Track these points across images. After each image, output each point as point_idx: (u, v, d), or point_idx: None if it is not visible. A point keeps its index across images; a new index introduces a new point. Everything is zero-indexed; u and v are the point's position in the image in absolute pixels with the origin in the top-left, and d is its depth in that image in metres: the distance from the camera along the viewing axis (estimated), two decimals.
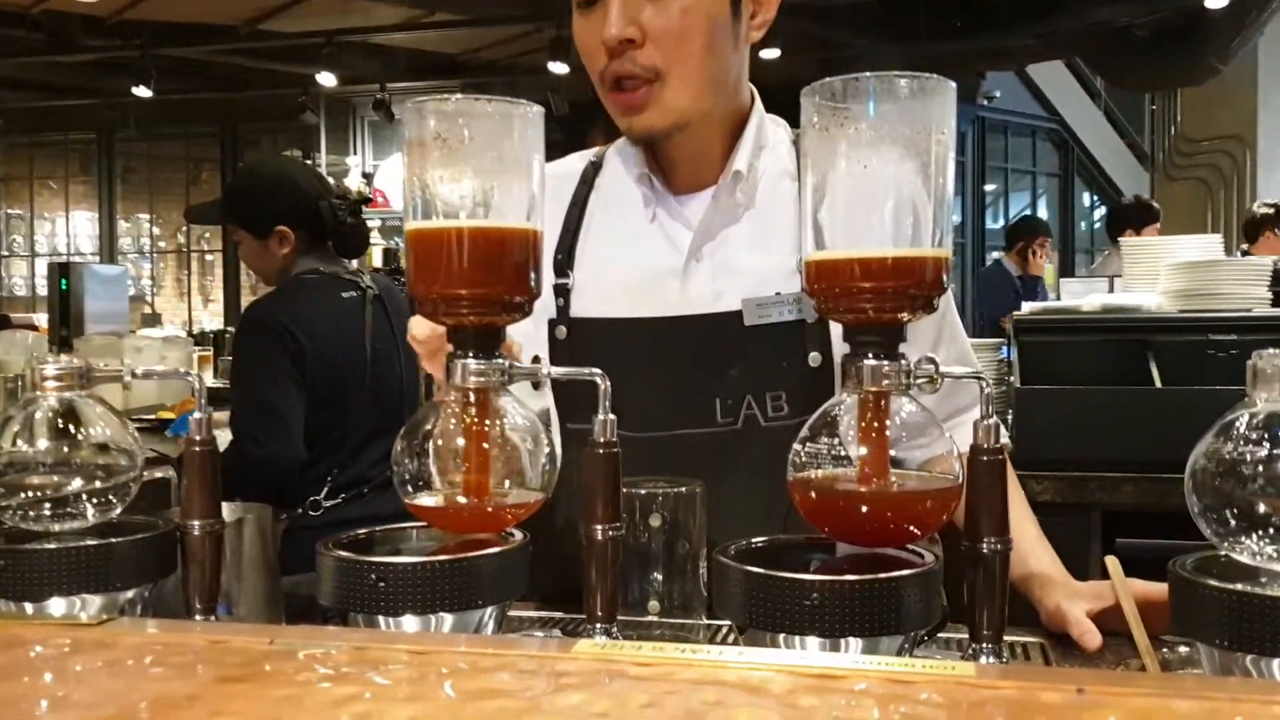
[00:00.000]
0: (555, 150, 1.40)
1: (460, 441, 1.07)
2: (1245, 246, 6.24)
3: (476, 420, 1.07)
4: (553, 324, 1.58)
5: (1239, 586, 0.87)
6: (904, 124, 0.97)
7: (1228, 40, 7.76)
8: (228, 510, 1.35)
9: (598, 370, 1.06)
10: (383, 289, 2.89)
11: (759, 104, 1.61)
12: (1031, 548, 1.50)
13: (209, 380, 6.07)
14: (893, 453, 1.00)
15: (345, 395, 2.75)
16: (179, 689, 0.70)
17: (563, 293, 1.59)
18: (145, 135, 10.18)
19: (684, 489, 1.32)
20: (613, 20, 1.44)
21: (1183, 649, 1.26)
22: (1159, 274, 3.16)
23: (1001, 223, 11.99)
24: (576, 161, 1.70)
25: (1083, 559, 2.67)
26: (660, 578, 1.31)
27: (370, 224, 9.76)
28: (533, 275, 1.05)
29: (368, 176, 9.73)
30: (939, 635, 1.06)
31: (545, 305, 1.59)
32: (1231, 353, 2.87)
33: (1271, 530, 0.89)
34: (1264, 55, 9.06)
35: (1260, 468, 0.89)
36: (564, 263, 1.60)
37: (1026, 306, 3.18)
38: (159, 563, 1.12)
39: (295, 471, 2.68)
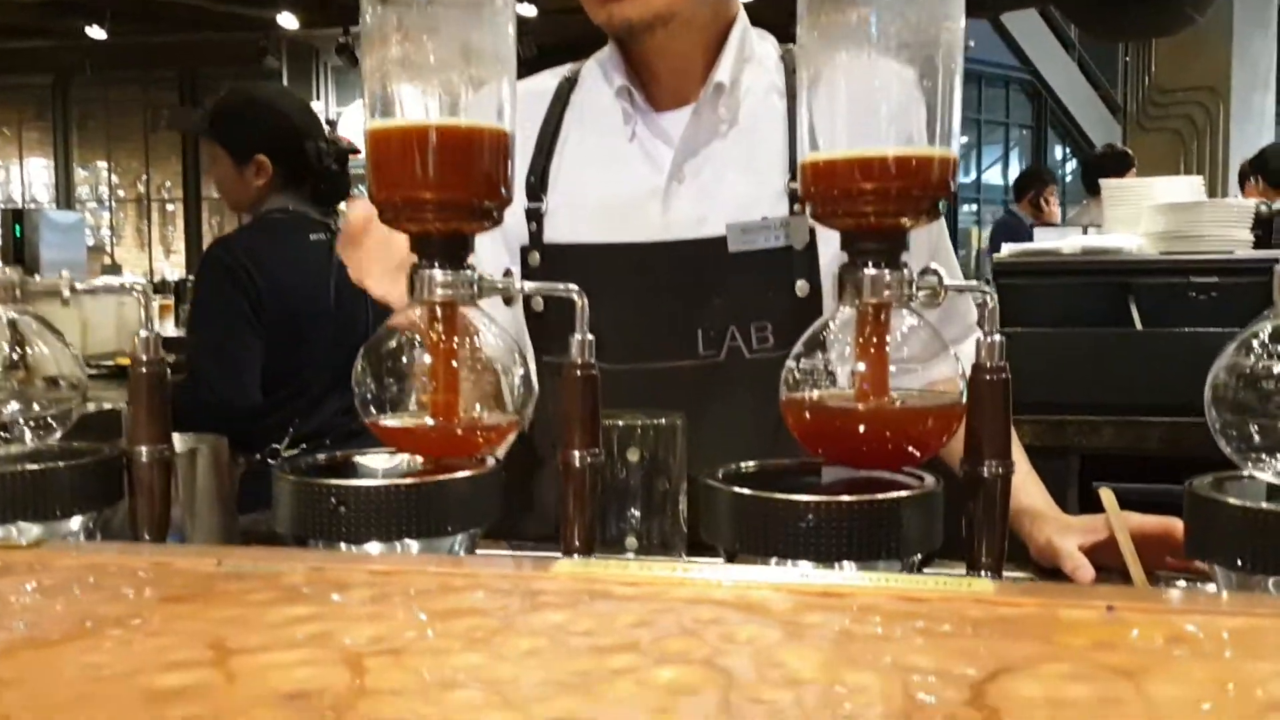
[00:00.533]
0: None
1: (426, 359, 1.00)
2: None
3: (443, 336, 0.99)
4: (525, 251, 1.51)
5: (1261, 505, 0.81)
6: (910, 10, 0.89)
7: None
8: (180, 440, 1.27)
9: (574, 286, 0.99)
10: None
11: (743, 14, 1.53)
12: (1022, 481, 1.44)
13: (170, 331, 5.97)
14: (893, 369, 0.93)
15: (306, 342, 2.67)
16: (117, 610, 0.63)
17: (535, 217, 1.51)
18: (102, 80, 9.94)
19: (664, 421, 1.24)
20: None
21: (1180, 583, 1.21)
22: (1140, 216, 3.11)
23: (974, 175, 11.94)
24: (550, 78, 1.61)
25: (1060, 503, 2.63)
26: (638, 514, 1.25)
27: None
28: (504, 179, 0.97)
29: (331, 123, 9.54)
30: (928, 570, 1.00)
31: (518, 232, 1.51)
32: (1212, 295, 2.83)
33: None
34: (1239, 6, 9.01)
35: None
36: (537, 186, 1.52)
37: (1006, 248, 3.12)
38: (103, 490, 1.04)
39: (249, 417, 2.60)
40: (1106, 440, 2.76)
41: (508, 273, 1.02)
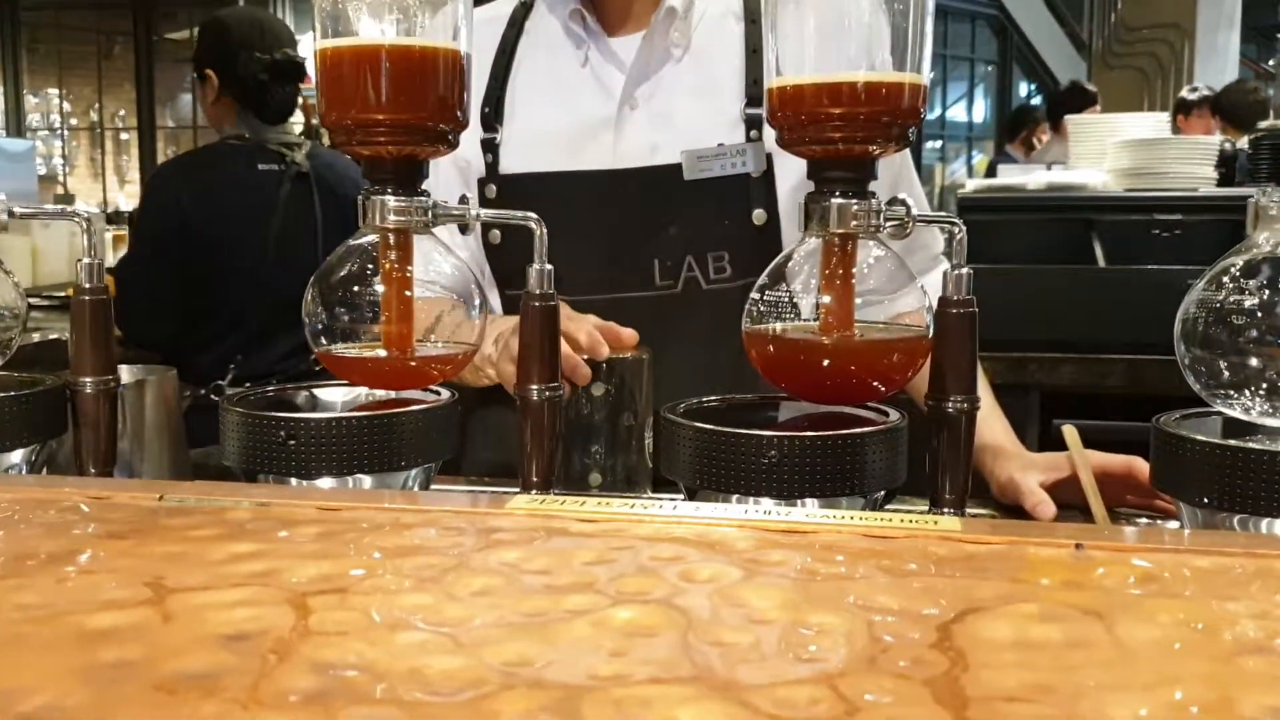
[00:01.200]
0: None
1: (379, 288, 0.96)
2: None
3: (397, 265, 0.96)
4: (482, 183, 1.47)
5: (1228, 441, 0.80)
6: None
7: None
8: (127, 372, 1.24)
9: (532, 215, 0.96)
10: (320, 167, 2.70)
11: None
12: (985, 417, 1.42)
13: None
14: (858, 301, 0.91)
15: (240, 273, 2.60)
16: (53, 546, 0.60)
17: (491, 148, 1.47)
18: (53, 4, 9.67)
19: (629, 356, 1.22)
20: None
21: (1142, 520, 1.21)
22: (1105, 152, 3.10)
23: (939, 111, 11.88)
24: (504, 4, 1.56)
25: (1021, 439, 2.64)
26: (602, 450, 1.23)
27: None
28: (459, 101, 0.94)
29: None
30: (890, 506, 0.99)
31: (474, 164, 1.47)
32: (1176, 233, 2.82)
33: (1265, 384, 0.82)
34: None
35: (1258, 315, 0.81)
36: (492, 116, 1.48)
37: (970, 184, 3.10)
38: (46, 422, 1.01)
39: (173, 346, 2.58)
40: (1067, 377, 2.76)
41: (464, 199, 0.99)
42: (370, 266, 0.97)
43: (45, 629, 0.48)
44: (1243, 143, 3.45)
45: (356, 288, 0.97)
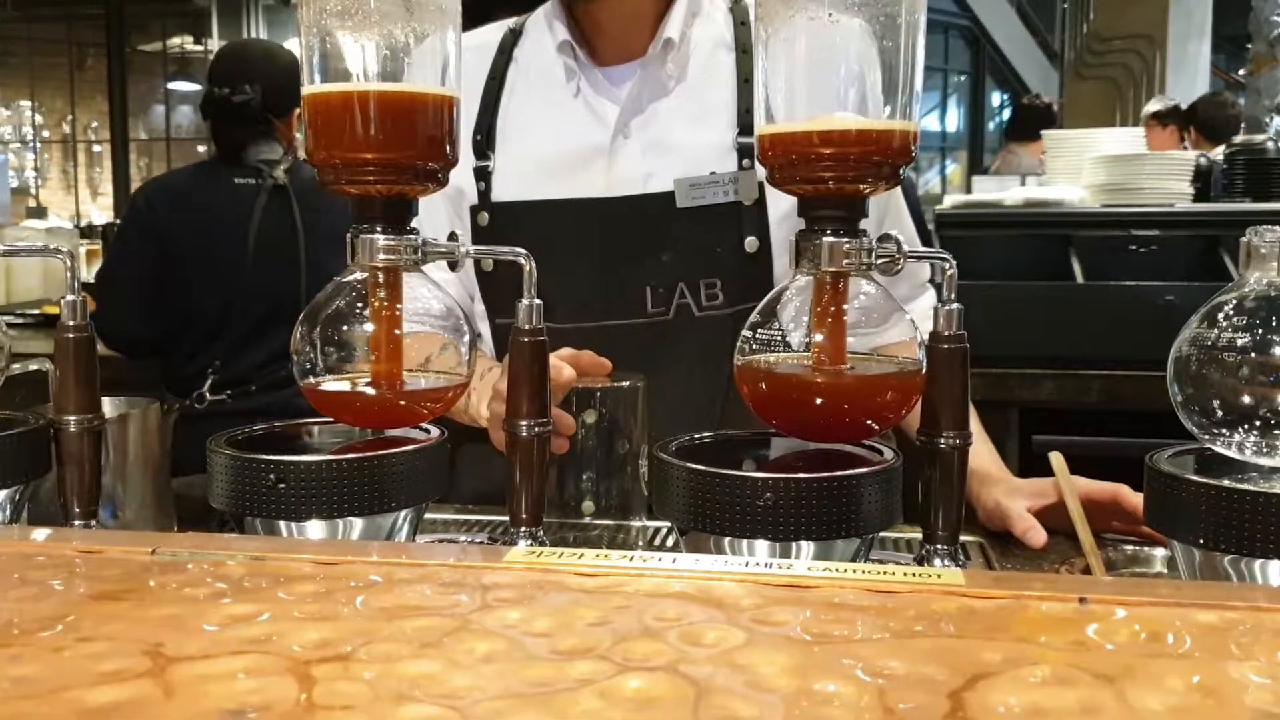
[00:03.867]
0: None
1: (368, 326, 0.96)
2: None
3: (386, 303, 0.95)
4: (474, 210, 1.47)
5: (1222, 482, 0.80)
6: None
7: None
8: (110, 405, 1.23)
9: (521, 250, 0.95)
10: (299, 180, 2.74)
11: None
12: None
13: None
14: (850, 339, 0.91)
15: (219, 284, 2.68)
16: (46, 609, 0.59)
17: (483, 176, 1.47)
18: (25, 16, 9.60)
19: (625, 384, 1.22)
20: None
21: (1128, 547, 1.21)
22: (1081, 168, 3.11)
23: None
24: (494, 31, 1.56)
25: (1001, 455, 2.65)
26: (595, 477, 1.22)
27: None
28: (449, 142, 0.93)
29: None
30: (884, 534, 0.99)
31: (466, 192, 1.47)
32: (1153, 248, 2.84)
33: (1259, 422, 0.82)
34: None
35: (1250, 354, 0.81)
36: (483, 144, 1.48)
37: (948, 200, 3.11)
38: (30, 462, 0.99)
39: (151, 352, 2.74)
40: (1047, 393, 2.76)
41: (453, 236, 0.99)
42: (359, 304, 0.96)
43: (44, 706, 0.47)
44: (1217, 154, 3.48)
45: (345, 326, 0.96)
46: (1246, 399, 0.82)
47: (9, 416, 1.02)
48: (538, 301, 0.95)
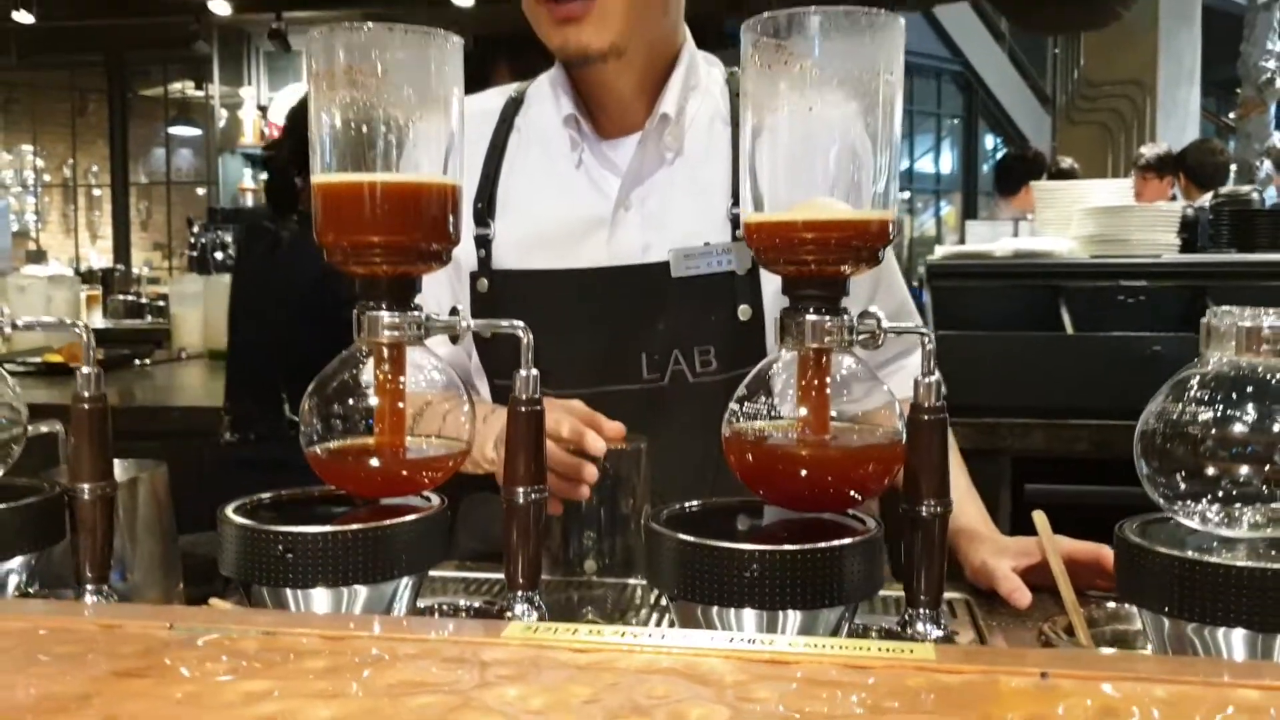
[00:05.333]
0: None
1: (373, 400, 1.00)
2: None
3: (390, 376, 1.00)
4: (474, 277, 1.51)
5: (1188, 554, 0.84)
6: (851, 63, 0.91)
7: None
8: (120, 469, 1.27)
9: (519, 323, 0.99)
10: (301, 233, 2.86)
11: (690, 42, 1.54)
12: (960, 500, 1.47)
13: (98, 322, 5.86)
14: (833, 411, 0.95)
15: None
16: (69, 686, 0.63)
17: (484, 243, 1.52)
18: (28, 65, 9.71)
19: (626, 447, 1.26)
20: None
21: (1110, 604, 1.25)
22: (1070, 219, 3.17)
23: (906, 164, 12.06)
24: (496, 97, 1.61)
25: (993, 505, 2.68)
26: (596, 537, 1.26)
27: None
28: (450, 224, 0.98)
29: (263, 109, 9.40)
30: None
31: (466, 258, 1.52)
32: (1140, 299, 2.89)
33: (1221, 494, 0.86)
34: (1164, 0, 9.17)
35: (1212, 430, 0.86)
36: (484, 211, 1.52)
37: (939, 250, 3.17)
38: (47, 530, 1.03)
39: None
40: (1038, 442, 2.81)
41: (454, 310, 1.03)
42: (364, 377, 1.00)
43: None
44: (1204, 200, 3.53)
45: (350, 399, 1.00)
46: (1209, 473, 0.86)
47: (25, 484, 1.06)
48: (535, 372, 1.00)
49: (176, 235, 10.15)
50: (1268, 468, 0.85)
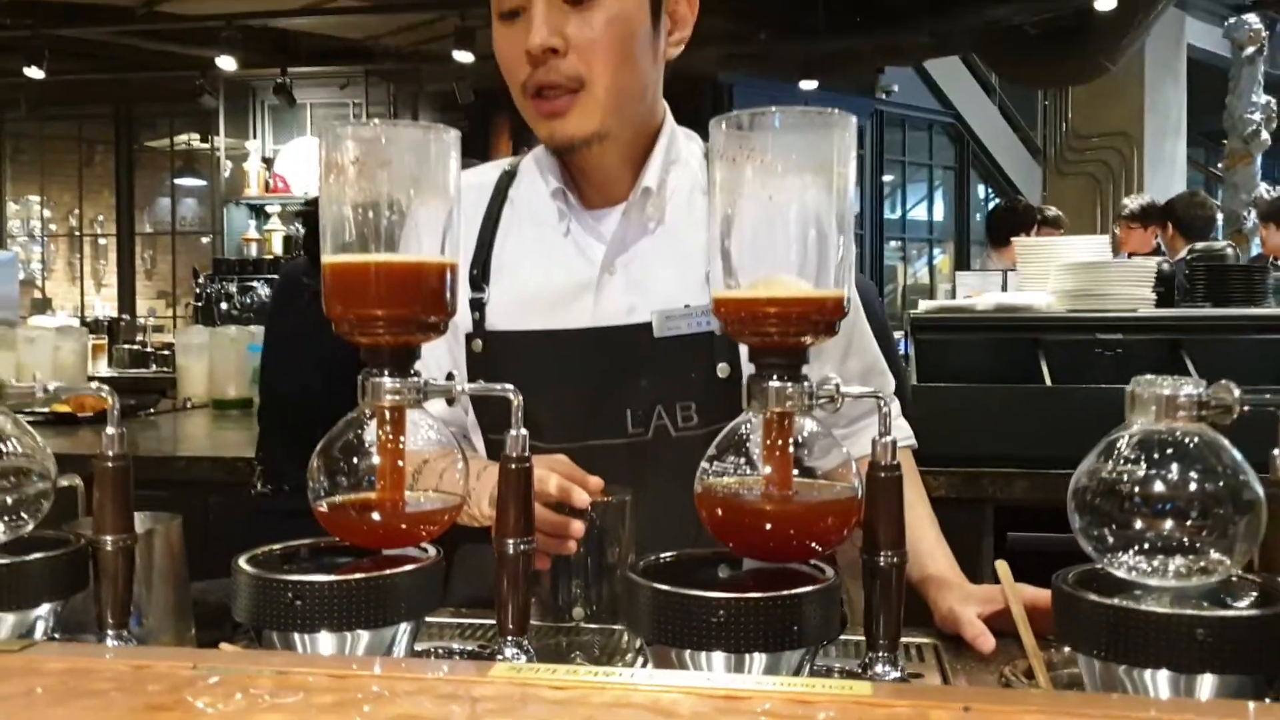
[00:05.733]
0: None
1: (375, 459, 1.09)
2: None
3: (390, 437, 1.09)
4: (469, 338, 1.61)
5: (1115, 601, 0.93)
6: (808, 156, 1.01)
7: (1116, 40, 8.00)
8: (138, 521, 1.35)
9: (510, 386, 1.08)
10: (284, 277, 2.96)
11: (670, 119, 1.65)
12: (930, 550, 1.56)
13: (103, 370, 5.93)
14: (795, 472, 1.04)
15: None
16: (107, 718, 0.72)
17: (478, 306, 1.61)
18: (37, 117, 9.87)
19: (613, 499, 1.35)
20: (537, 29, 1.47)
21: (1068, 649, 1.33)
22: (1050, 274, 3.27)
23: (899, 213, 12.21)
24: (491, 171, 1.72)
25: (976, 552, 2.75)
26: (584, 585, 1.35)
27: (270, 209, 9.53)
28: (448, 298, 1.08)
29: (268, 161, 9.55)
30: (840, 638, 1.11)
31: (462, 320, 1.61)
32: (1117, 351, 2.98)
33: (1145, 546, 0.94)
34: (1150, 54, 9.34)
35: (1135, 488, 0.94)
36: (479, 277, 1.62)
37: (923, 305, 3.26)
38: (72, 579, 1.12)
39: None
40: (1019, 492, 2.88)
41: (450, 376, 1.13)
42: (367, 439, 1.09)
43: None
44: (1183, 254, 3.63)
45: (355, 458, 1.10)
46: (1135, 526, 0.95)
47: (52, 536, 1.15)
48: (524, 432, 1.09)
49: (181, 284, 10.27)
50: (1187, 522, 0.94)
